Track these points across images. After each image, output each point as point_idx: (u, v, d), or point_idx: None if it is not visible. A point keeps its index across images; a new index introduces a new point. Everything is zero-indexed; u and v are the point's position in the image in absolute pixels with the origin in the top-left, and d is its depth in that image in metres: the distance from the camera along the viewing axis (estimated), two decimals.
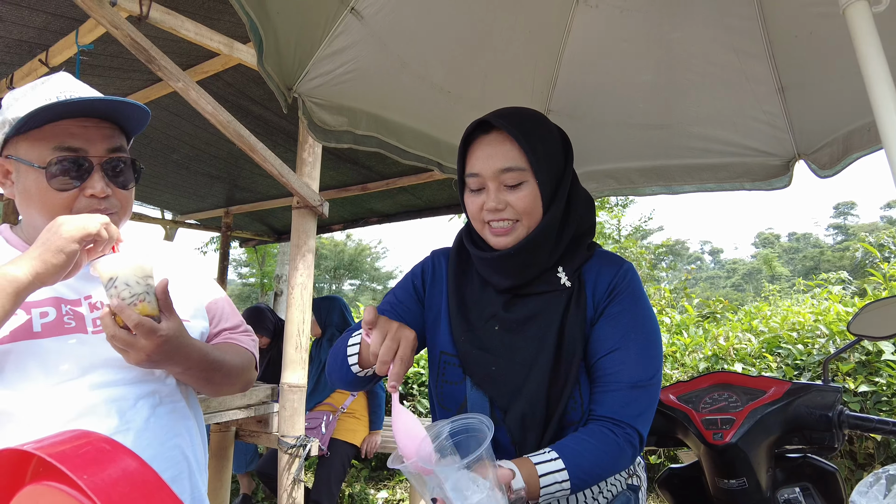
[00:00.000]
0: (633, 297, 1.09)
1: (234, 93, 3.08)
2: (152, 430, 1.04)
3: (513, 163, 1.06)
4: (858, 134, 1.89)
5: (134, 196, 1.17)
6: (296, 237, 2.22)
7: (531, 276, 1.11)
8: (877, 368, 3.17)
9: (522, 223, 1.09)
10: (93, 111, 1.03)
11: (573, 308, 1.07)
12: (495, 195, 1.07)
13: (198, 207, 5.55)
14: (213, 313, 1.28)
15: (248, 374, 1.27)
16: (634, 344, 1.04)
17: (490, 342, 1.11)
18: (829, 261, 39.77)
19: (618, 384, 1.03)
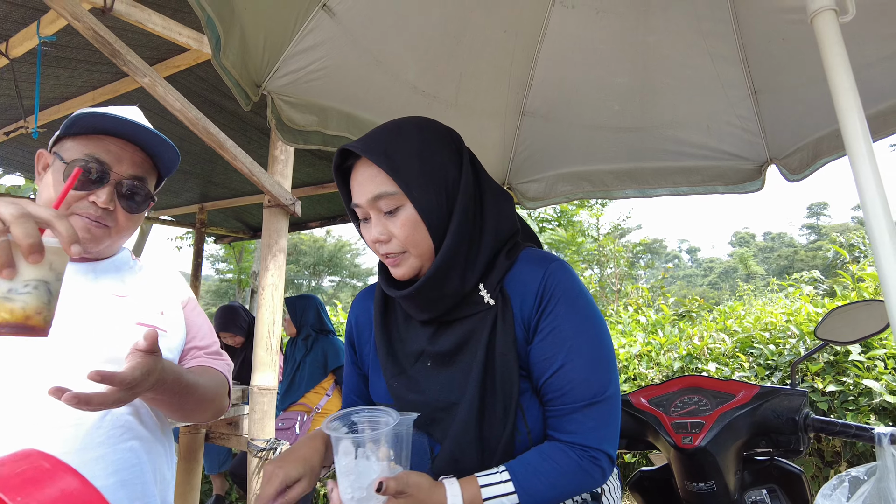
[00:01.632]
0: (568, 301, 0.94)
1: (206, 88, 3.01)
2: (106, 429, 1.03)
3: (382, 188, 0.94)
4: (827, 140, 1.91)
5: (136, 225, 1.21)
6: (267, 236, 2.18)
7: (449, 305, 0.99)
8: (844, 368, 3.23)
9: (411, 253, 0.98)
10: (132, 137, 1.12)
11: (499, 328, 0.95)
12: (377, 225, 0.98)
13: (171, 203, 5.44)
14: (190, 329, 1.28)
15: (221, 401, 1.24)
16: (579, 356, 0.92)
17: (424, 382, 1.01)
18: (802, 260, 40.63)
19: (572, 405, 0.91)
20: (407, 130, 0.99)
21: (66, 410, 0.98)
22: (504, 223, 1.03)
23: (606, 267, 12.54)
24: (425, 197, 0.95)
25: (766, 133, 2.06)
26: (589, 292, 0.98)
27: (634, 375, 4.19)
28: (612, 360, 0.96)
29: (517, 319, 0.96)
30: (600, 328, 0.96)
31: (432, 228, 0.96)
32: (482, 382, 0.94)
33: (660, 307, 6.62)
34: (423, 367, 1.02)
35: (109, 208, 1.09)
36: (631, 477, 1.80)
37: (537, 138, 2.15)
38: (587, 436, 0.91)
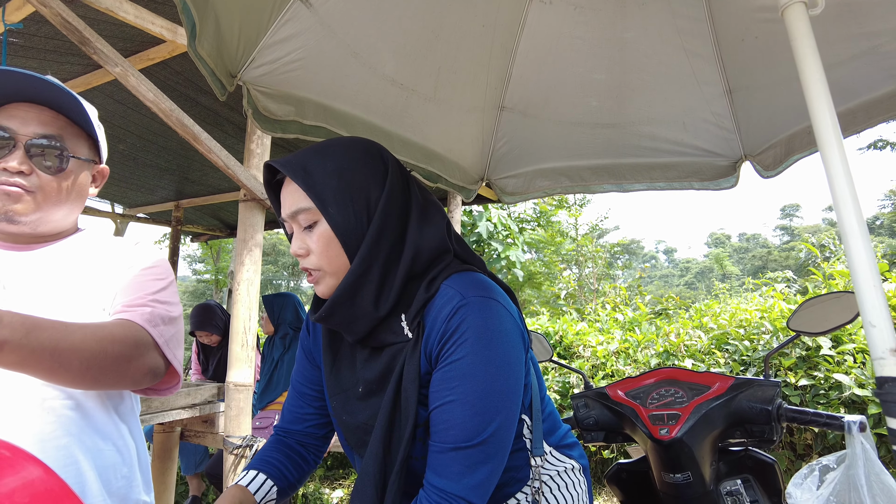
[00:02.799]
0: (469, 340, 0.89)
1: (181, 82, 2.96)
2: (38, 425, 0.96)
3: (299, 204, 0.96)
4: (799, 136, 1.95)
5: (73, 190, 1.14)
6: (242, 231, 2.15)
7: (365, 328, 0.98)
8: (815, 363, 3.30)
9: (326, 270, 0.98)
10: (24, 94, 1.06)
11: (407, 362, 0.94)
12: (297, 238, 0.99)
13: (147, 201, 5.35)
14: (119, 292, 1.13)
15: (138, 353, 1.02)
16: (463, 397, 0.88)
17: (356, 405, 1.03)
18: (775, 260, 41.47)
19: (442, 444, 0.89)
20: (331, 149, 1.00)
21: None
22: (426, 244, 0.99)
23: (585, 267, 12.65)
24: (341, 215, 0.94)
25: (741, 130, 2.09)
26: (506, 333, 0.92)
27: (612, 372, 4.23)
28: (503, 407, 0.90)
29: (423, 351, 0.95)
30: (497, 373, 0.90)
31: (348, 247, 0.96)
32: (390, 413, 0.94)
33: (637, 305, 6.69)
34: (356, 392, 1.03)
35: (23, 170, 1.05)
36: (609, 470, 1.81)
37: (516, 134, 2.15)
38: (451, 481, 0.88)
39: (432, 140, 2.01)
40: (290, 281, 30.48)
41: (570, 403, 1.86)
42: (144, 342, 1.04)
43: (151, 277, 1.18)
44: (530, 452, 1.09)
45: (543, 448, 1.12)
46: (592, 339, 4.62)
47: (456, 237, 1.08)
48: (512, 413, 0.93)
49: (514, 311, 0.99)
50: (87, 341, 0.93)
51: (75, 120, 1.13)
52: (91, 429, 1.04)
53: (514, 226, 10.25)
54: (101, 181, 1.26)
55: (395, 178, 1.00)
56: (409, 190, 1.03)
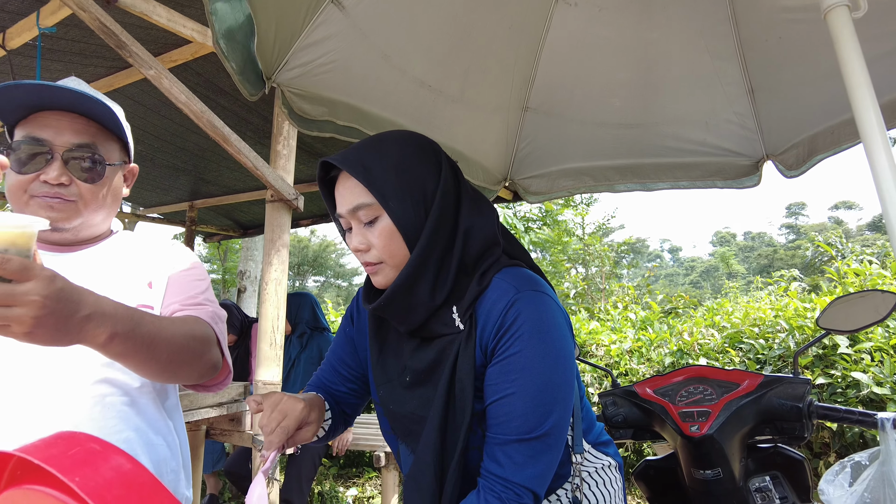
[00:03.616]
0: (526, 333, 0.92)
1: (203, 83, 2.99)
2: (98, 421, 1.00)
3: (360, 199, 0.97)
4: (823, 136, 1.96)
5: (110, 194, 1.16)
6: (269, 232, 2.17)
7: (420, 318, 1.00)
8: (833, 361, 3.30)
9: (388, 263, 1.00)
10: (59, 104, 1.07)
11: (461, 354, 0.96)
12: (357, 234, 1.01)
13: (161, 201, 5.38)
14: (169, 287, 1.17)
15: (206, 352, 1.07)
16: (523, 389, 0.91)
17: (403, 395, 1.05)
18: (781, 259, 41.35)
19: (504, 436, 0.92)
20: (386, 143, 1.02)
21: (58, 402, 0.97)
22: (475, 237, 1.02)
23: (591, 266, 12.65)
24: (401, 208, 0.97)
25: (763, 130, 2.10)
26: (559, 326, 0.95)
27: (626, 371, 4.24)
28: (560, 399, 0.93)
29: (478, 343, 0.97)
30: (554, 366, 0.93)
31: (409, 240, 0.98)
32: (445, 404, 0.96)
33: (648, 304, 6.70)
34: (404, 381, 1.05)
35: (63, 182, 1.06)
36: (636, 467, 1.83)
37: (540, 134, 2.18)
38: (514, 471, 0.90)
39: (458, 140, 2.04)
40: (295, 281, 30.57)
41: (597, 402, 1.88)
42: (211, 338, 1.10)
43: (196, 277, 1.22)
44: (571, 449, 1.12)
45: (583, 446, 1.14)
46: (605, 339, 4.63)
47: (504, 232, 1.10)
48: (568, 405, 0.95)
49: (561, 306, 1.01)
50: (175, 336, 0.99)
51: (106, 125, 1.14)
52: (146, 424, 1.08)
53: (520, 225, 10.25)
54: (132, 180, 1.28)
55: (447, 172, 1.03)
56: (459, 183, 1.06)
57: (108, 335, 0.85)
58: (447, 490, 0.94)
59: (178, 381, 1.10)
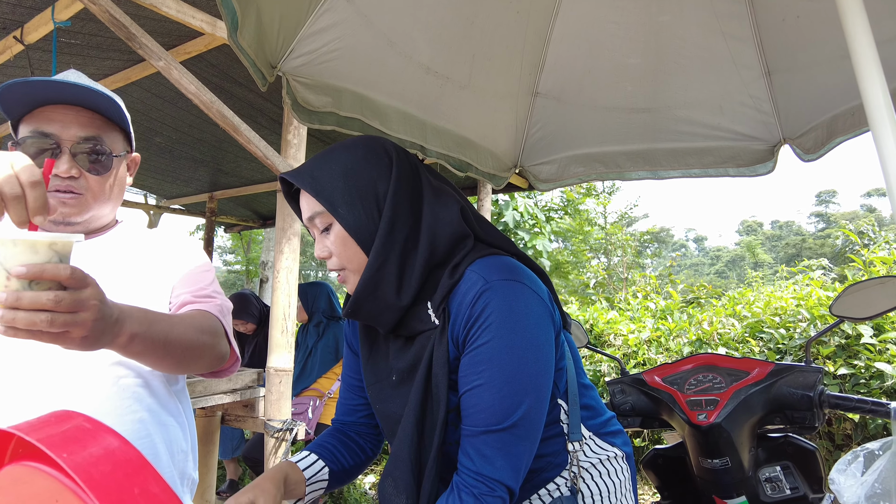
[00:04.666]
0: (496, 324, 0.90)
1: (216, 74, 3.02)
2: (113, 401, 1.03)
3: (313, 209, 1.00)
4: (842, 118, 1.90)
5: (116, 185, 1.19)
6: (281, 220, 2.19)
7: (392, 319, 1.00)
8: (856, 351, 3.23)
9: (348, 269, 1.01)
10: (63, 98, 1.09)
11: (436, 348, 0.96)
12: (318, 243, 1.04)
13: (182, 192, 5.48)
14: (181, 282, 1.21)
15: (214, 344, 1.12)
16: (490, 381, 0.90)
17: (389, 395, 1.06)
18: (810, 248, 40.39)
19: (472, 428, 0.91)
20: (335, 151, 1.03)
21: (73, 383, 1.01)
22: (442, 230, 1.00)
23: (613, 255, 12.52)
24: (351, 214, 0.97)
25: (780, 113, 2.05)
26: (531, 315, 0.93)
27: (644, 361, 4.20)
28: (531, 389, 0.91)
29: (450, 337, 0.96)
30: (524, 355, 0.91)
31: (363, 243, 0.98)
32: (421, 400, 0.96)
33: (669, 293, 6.62)
34: (390, 381, 1.06)
35: (73, 175, 1.08)
36: (645, 456, 1.81)
37: (550, 120, 2.15)
38: (483, 464, 0.89)
39: (466, 128, 2.02)
40: (318, 271, 30.84)
41: (606, 389, 1.87)
42: (220, 331, 1.15)
43: (203, 270, 1.27)
44: (567, 437, 1.09)
45: (581, 433, 1.11)
46: (623, 328, 4.59)
47: (479, 219, 1.08)
48: (542, 395, 0.94)
49: (544, 292, 0.99)
50: (187, 332, 1.04)
51: (110, 117, 1.16)
52: (159, 405, 1.12)
53: (541, 215, 10.18)
54: (135, 168, 1.31)
55: (402, 169, 1.02)
56: (419, 178, 1.05)
57: (128, 336, 0.90)
58: (425, 487, 0.94)
59: (189, 373, 1.15)
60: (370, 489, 4.51)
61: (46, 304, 0.74)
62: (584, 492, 1.08)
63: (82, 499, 0.59)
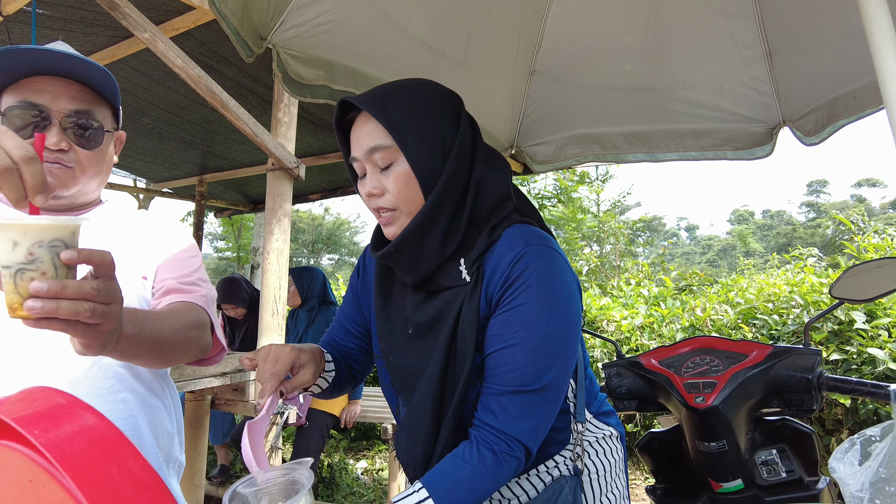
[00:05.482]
0: (532, 286, 0.91)
1: (206, 52, 2.95)
2: (94, 381, 1.00)
3: (378, 141, 0.95)
4: (844, 100, 1.87)
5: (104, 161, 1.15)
6: (271, 201, 2.14)
7: (428, 269, 0.99)
8: (848, 337, 3.23)
9: (402, 210, 0.97)
10: (55, 69, 1.05)
11: (465, 306, 0.95)
12: (371, 178, 0.98)
13: (171, 175, 5.39)
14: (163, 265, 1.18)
15: (201, 338, 1.09)
16: (524, 342, 0.90)
17: (405, 347, 1.04)
18: (800, 238, 40.71)
19: (500, 387, 0.91)
20: (407, 88, 1.00)
21: (53, 362, 0.97)
22: (488, 191, 1.00)
23: (606, 243, 12.53)
24: (419, 153, 0.95)
25: (780, 94, 2.02)
26: (567, 283, 0.94)
27: (637, 346, 4.20)
28: (562, 356, 0.92)
29: (483, 295, 0.95)
30: (559, 321, 0.91)
31: (424, 186, 0.96)
32: (446, 355, 0.95)
33: (662, 280, 6.62)
34: (406, 334, 1.04)
35: (63, 148, 1.05)
36: (640, 439, 1.80)
37: (547, 99, 2.11)
38: (507, 422, 0.89)
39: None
40: (310, 259, 30.77)
41: (602, 373, 1.85)
42: (206, 324, 1.12)
43: (189, 255, 1.22)
44: (573, 417, 1.09)
45: (585, 415, 1.11)
46: (616, 314, 4.58)
47: (516, 191, 1.08)
48: (569, 363, 0.94)
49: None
50: (177, 329, 1.00)
51: (101, 92, 1.12)
52: (143, 386, 1.09)
53: (534, 202, 10.15)
54: (120, 147, 1.27)
55: (465, 123, 1.01)
56: (477, 135, 1.04)
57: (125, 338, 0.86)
58: (442, 438, 0.94)
59: (171, 366, 1.13)
60: (362, 474, 4.50)
61: (90, 294, 0.71)
62: (586, 470, 1.09)
63: (57, 478, 0.55)
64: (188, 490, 2.62)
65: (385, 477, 4.40)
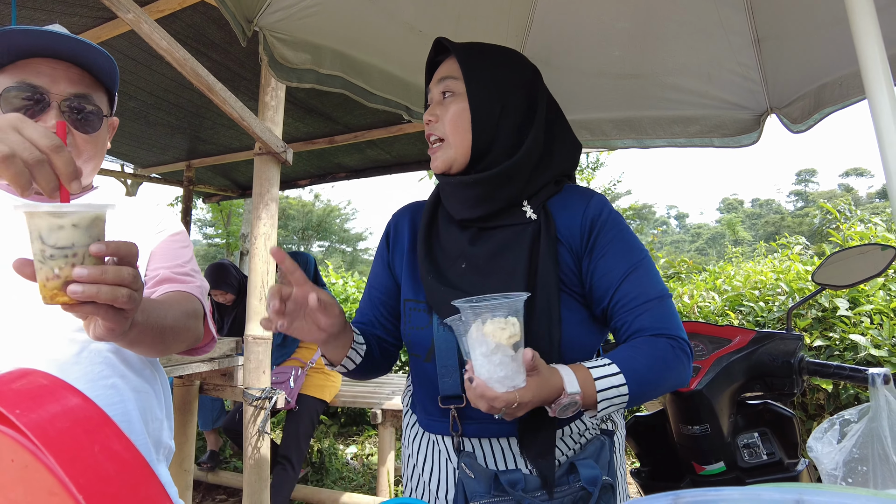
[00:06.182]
0: (618, 223, 1.06)
1: (191, 36, 2.90)
2: (83, 366, 1.00)
3: (448, 73, 1.07)
4: (830, 88, 1.88)
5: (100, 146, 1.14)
6: (258, 186, 2.13)
7: (493, 209, 1.06)
8: (831, 324, 3.28)
9: (448, 142, 1.07)
10: (58, 52, 1.04)
11: (543, 239, 1.03)
12: (433, 106, 1.10)
13: (158, 161, 5.33)
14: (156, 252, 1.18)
15: (197, 328, 1.12)
16: (641, 264, 1.02)
17: (457, 282, 1.06)
18: (788, 226, 41.07)
19: (648, 302, 0.99)
20: (491, 45, 1.12)
21: (42, 347, 0.97)
22: (567, 158, 1.12)
23: None
24: (479, 94, 1.04)
25: (768, 81, 2.03)
26: None
27: None
28: None
29: (561, 234, 1.05)
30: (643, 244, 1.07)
31: (476, 127, 1.04)
32: (526, 287, 0.99)
33: None
34: (459, 269, 1.07)
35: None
36: (625, 423, 1.82)
37: None
38: (668, 326, 0.98)
39: None
40: (300, 245, 30.63)
41: None
42: (201, 314, 1.14)
43: (181, 245, 1.23)
44: None
45: None
46: None
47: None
48: None
49: None
50: (177, 318, 1.02)
51: (99, 76, 1.11)
52: (132, 372, 1.09)
53: None
54: (112, 133, 1.26)
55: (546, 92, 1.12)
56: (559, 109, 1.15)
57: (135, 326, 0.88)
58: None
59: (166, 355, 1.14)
60: (352, 459, 4.53)
61: (127, 279, 0.76)
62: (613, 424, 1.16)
63: (39, 458, 0.55)
64: (177, 475, 2.63)
65: (374, 462, 4.43)
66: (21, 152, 0.68)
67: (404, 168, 4.81)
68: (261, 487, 2.23)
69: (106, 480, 0.54)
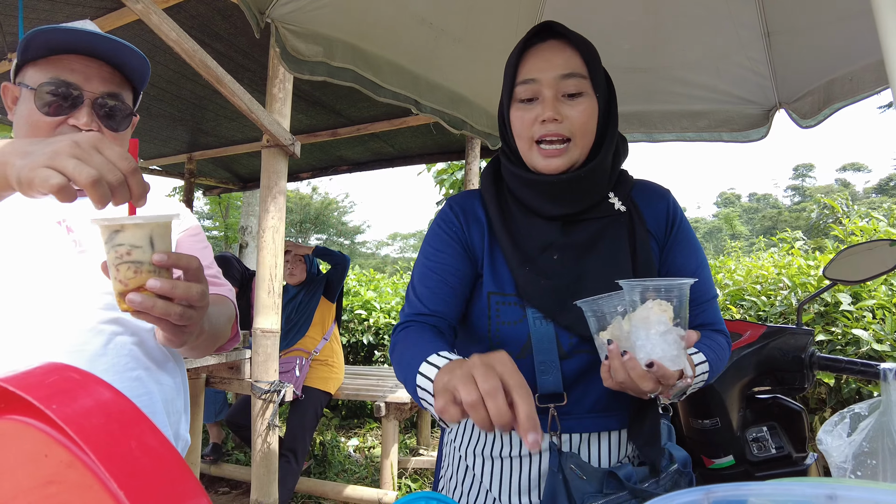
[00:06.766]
0: (687, 222, 1.13)
1: (196, 27, 2.88)
2: (110, 357, 1.01)
3: (575, 69, 0.98)
4: (840, 83, 1.88)
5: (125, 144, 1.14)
6: (266, 178, 2.12)
7: (586, 203, 1.04)
8: (834, 318, 3.29)
9: (576, 143, 0.99)
10: (93, 50, 1.05)
11: (639, 230, 1.05)
12: (552, 104, 0.97)
13: (159, 152, 5.29)
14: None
15: (230, 327, 1.16)
16: (705, 261, 1.11)
17: (552, 272, 1.02)
18: (786, 221, 41.14)
19: (710, 301, 1.09)
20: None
21: (69, 339, 0.98)
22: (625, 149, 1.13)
23: None
24: (602, 94, 1.02)
25: (777, 76, 2.02)
26: None
27: None
28: None
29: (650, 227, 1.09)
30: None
31: (601, 127, 1.03)
32: (633, 269, 1.03)
33: None
34: (549, 259, 1.04)
35: (92, 129, 1.04)
36: None
37: None
38: (721, 322, 1.10)
39: (460, 83, 1.96)
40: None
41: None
42: (233, 316, 1.19)
43: (202, 245, 1.24)
44: None
45: None
46: None
47: None
48: None
49: None
50: (221, 322, 1.07)
51: (131, 76, 1.12)
52: (155, 364, 1.10)
53: None
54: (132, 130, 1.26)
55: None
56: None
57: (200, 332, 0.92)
58: None
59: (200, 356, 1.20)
60: (354, 451, 4.55)
61: (194, 297, 0.79)
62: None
63: (73, 452, 0.55)
64: None
65: (377, 455, 4.45)
66: (106, 174, 0.70)
67: (407, 161, 4.79)
68: (269, 480, 2.23)
69: (144, 476, 0.54)
